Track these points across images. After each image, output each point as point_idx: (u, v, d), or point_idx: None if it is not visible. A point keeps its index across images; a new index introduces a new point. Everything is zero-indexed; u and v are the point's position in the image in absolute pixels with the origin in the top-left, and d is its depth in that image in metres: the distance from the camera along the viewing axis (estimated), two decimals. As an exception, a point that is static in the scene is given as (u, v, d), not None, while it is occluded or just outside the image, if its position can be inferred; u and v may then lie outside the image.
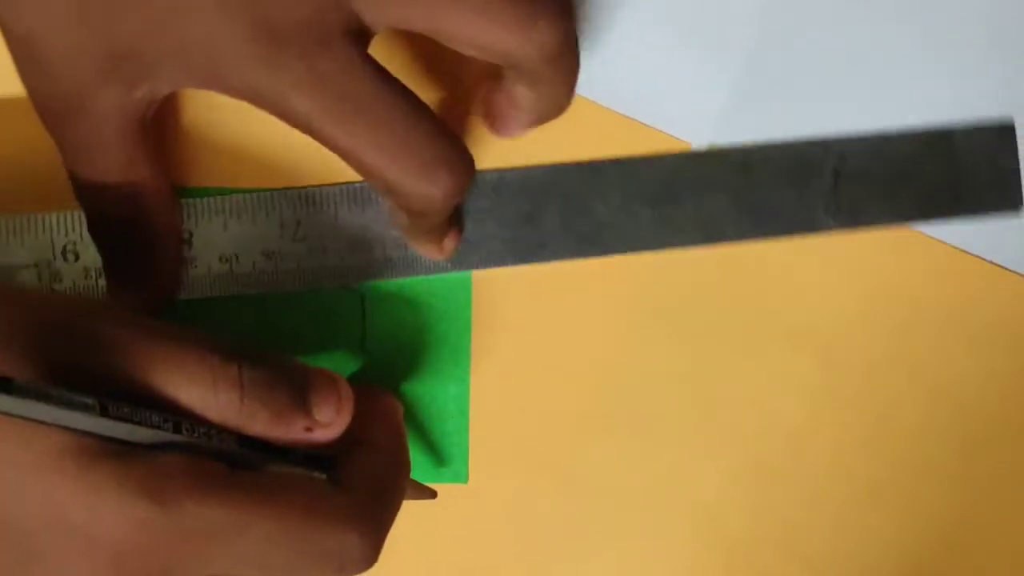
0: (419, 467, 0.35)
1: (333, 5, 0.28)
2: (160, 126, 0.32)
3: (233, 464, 0.27)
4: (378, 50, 0.29)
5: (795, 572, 0.36)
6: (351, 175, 0.33)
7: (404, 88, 0.29)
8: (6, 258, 0.32)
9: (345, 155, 0.29)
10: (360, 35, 0.28)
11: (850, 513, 0.36)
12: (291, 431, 0.28)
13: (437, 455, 0.35)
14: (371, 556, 0.28)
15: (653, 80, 0.35)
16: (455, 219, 0.33)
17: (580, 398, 0.35)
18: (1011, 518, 0.36)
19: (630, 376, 0.35)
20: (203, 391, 0.27)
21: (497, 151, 0.35)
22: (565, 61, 0.29)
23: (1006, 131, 0.36)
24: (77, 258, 0.32)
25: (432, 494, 0.33)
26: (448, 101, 0.34)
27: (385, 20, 0.28)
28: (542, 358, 0.35)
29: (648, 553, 0.36)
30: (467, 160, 0.29)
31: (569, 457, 0.35)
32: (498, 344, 0.35)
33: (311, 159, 0.34)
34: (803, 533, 0.36)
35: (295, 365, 0.29)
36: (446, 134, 0.29)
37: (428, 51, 0.34)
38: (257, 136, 0.34)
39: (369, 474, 0.29)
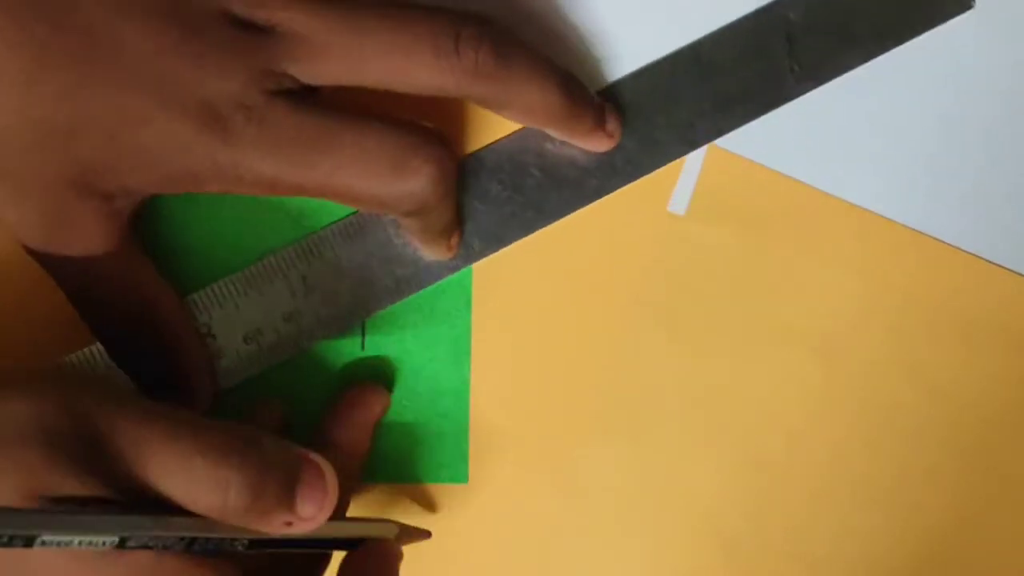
0: (419, 467, 0.35)
1: (261, 73, 0.29)
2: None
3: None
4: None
5: (794, 571, 0.36)
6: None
7: (354, 111, 0.30)
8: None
9: (323, 191, 0.30)
10: (298, 92, 0.30)
11: (849, 513, 0.36)
12: (271, 526, 0.28)
13: (437, 455, 0.35)
14: None
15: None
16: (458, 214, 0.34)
17: (580, 398, 0.35)
18: (1011, 518, 0.36)
19: (630, 376, 0.35)
20: (191, 489, 0.27)
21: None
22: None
23: (935, -66, 0.36)
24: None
25: (427, 534, 0.34)
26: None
27: (314, 79, 0.30)
28: (542, 358, 0.35)
29: (647, 553, 0.36)
30: (440, 143, 0.30)
31: (569, 457, 0.36)
32: (498, 343, 0.35)
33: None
34: (802, 533, 0.36)
35: (289, 455, 0.29)
36: (411, 127, 0.30)
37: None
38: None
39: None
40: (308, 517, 0.28)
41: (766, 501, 0.36)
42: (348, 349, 0.34)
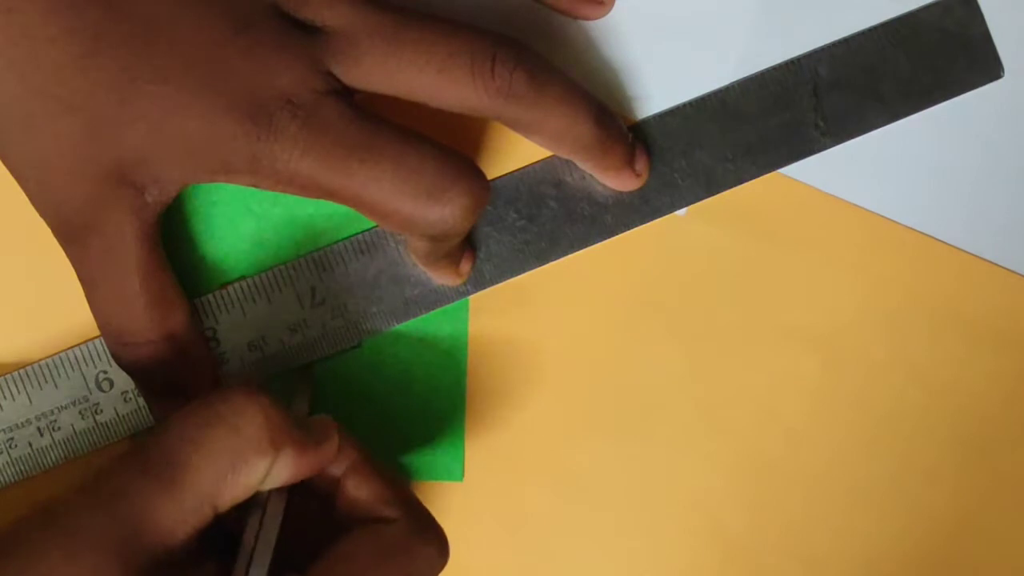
0: (415, 465, 0.35)
1: (309, 72, 0.29)
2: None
3: None
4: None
5: (794, 571, 0.36)
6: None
7: (398, 124, 0.30)
8: (47, 404, 0.32)
9: (354, 201, 0.29)
10: (343, 92, 0.30)
11: (849, 512, 0.36)
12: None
13: (432, 453, 0.35)
14: (446, 552, 0.30)
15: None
16: (467, 241, 0.33)
17: (577, 396, 0.35)
18: (1010, 517, 0.36)
19: (628, 375, 0.35)
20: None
21: (487, 163, 0.35)
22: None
23: (967, 1, 0.36)
24: (112, 385, 0.33)
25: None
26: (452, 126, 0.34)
27: (352, 81, 0.30)
28: (539, 356, 0.35)
29: (645, 552, 0.36)
30: (478, 176, 0.30)
31: (566, 455, 0.35)
32: (495, 342, 0.35)
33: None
34: (802, 532, 0.36)
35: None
36: (452, 154, 0.30)
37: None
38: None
39: (377, 496, 0.30)
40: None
41: (766, 500, 0.36)
42: (344, 344, 0.34)
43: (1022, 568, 0.36)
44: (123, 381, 0.32)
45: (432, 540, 0.29)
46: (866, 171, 0.36)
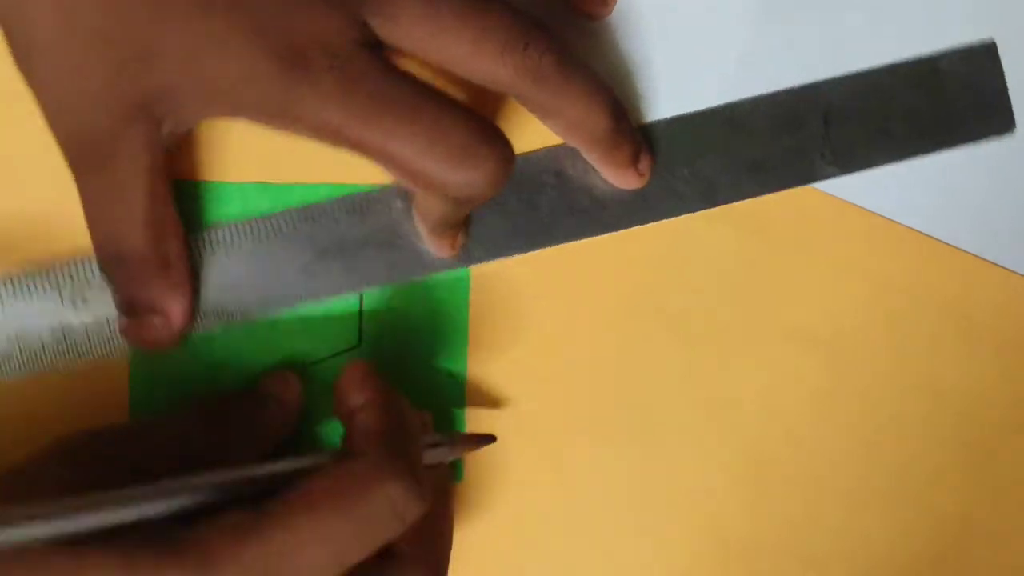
0: None
1: (348, 21, 0.29)
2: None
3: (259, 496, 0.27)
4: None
5: (794, 571, 0.36)
6: (345, 176, 0.33)
7: (431, 85, 0.30)
8: (18, 316, 0.32)
9: (381, 156, 0.29)
10: (377, 46, 0.30)
11: (850, 513, 0.36)
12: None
13: None
14: (417, 493, 0.28)
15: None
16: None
17: (578, 396, 0.35)
18: (1011, 517, 0.36)
19: (629, 375, 0.35)
20: None
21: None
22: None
23: (988, 52, 0.36)
24: (86, 306, 0.32)
25: (490, 439, 0.34)
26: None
27: (386, 37, 0.30)
28: (540, 356, 0.35)
29: (646, 552, 0.36)
30: (506, 143, 0.30)
31: (565, 455, 0.35)
32: (495, 342, 0.35)
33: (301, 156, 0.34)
34: (803, 532, 0.36)
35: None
36: (484, 120, 0.30)
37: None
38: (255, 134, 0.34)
39: (370, 429, 0.29)
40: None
41: (767, 500, 0.36)
42: (344, 345, 0.34)
43: (1022, 568, 0.36)
44: (98, 304, 0.32)
45: (399, 478, 0.27)
46: (868, 172, 0.36)
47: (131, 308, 0.32)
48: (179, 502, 0.27)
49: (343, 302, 0.34)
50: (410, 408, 0.31)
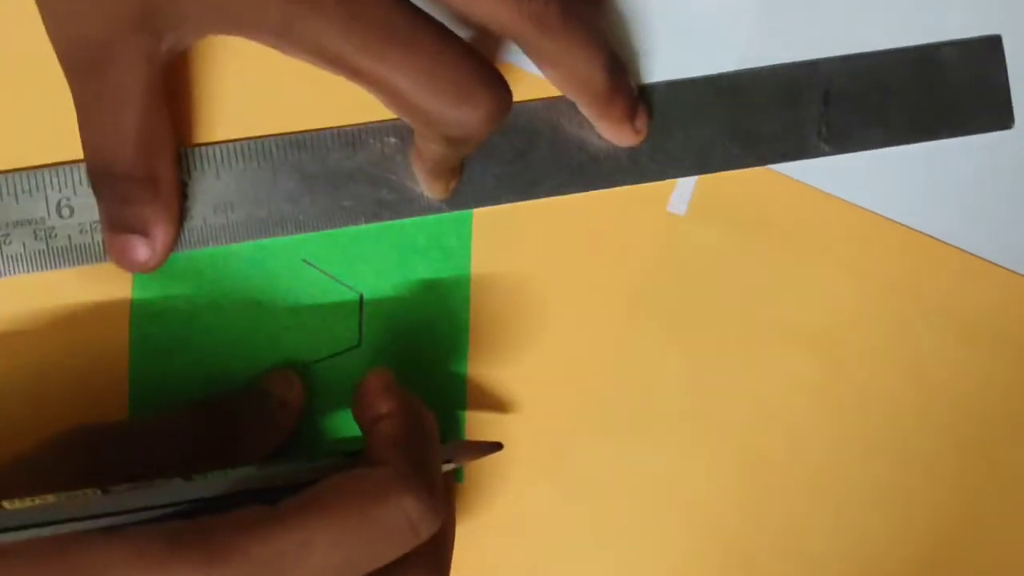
0: None
1: None
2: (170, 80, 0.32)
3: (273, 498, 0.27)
4: None
5: (793, 570, 0.36)
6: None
7: (434, 19, 0.29)
8: (2, 216, 0.32)
9: (380, 87, 0.29)
10: None
11: (848, 512, 0.36)
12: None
13: None
14: (433, 510, 0.28)
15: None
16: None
17: (577, 396, 0.35)
18: (1010, 517, 0.37)
19: (628, 375, 0.35)
20: None
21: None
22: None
23: (993, 46, 0.36)
24: (72, 213, 0.32)
25: (497, 446, 0.33)
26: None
27: None
28: (540, 356, 0.35)
29: (645, 552, 0.36)
30: (504, 84, 0.29)
31: (566, 456, 0.35)
32: (495, 342, 0.35)
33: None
34: (801, 531, 0.36)
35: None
36: (484, 59, 0.29)
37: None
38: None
39: (392, 440, 0.29)
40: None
41: (764, 499, 0.36)
42: (344, 345, 0.34)
43: (1021, 566, 0.36)
44: (83, 211, 0.32)
45: (417, 492, 0.27)
46: (863, 170, 0.36)
47: (114, 224, 0.32)
48: (196, 494, 0.27)
49: (343, 302, 0.34)
50: (433, 423, 0.31)
